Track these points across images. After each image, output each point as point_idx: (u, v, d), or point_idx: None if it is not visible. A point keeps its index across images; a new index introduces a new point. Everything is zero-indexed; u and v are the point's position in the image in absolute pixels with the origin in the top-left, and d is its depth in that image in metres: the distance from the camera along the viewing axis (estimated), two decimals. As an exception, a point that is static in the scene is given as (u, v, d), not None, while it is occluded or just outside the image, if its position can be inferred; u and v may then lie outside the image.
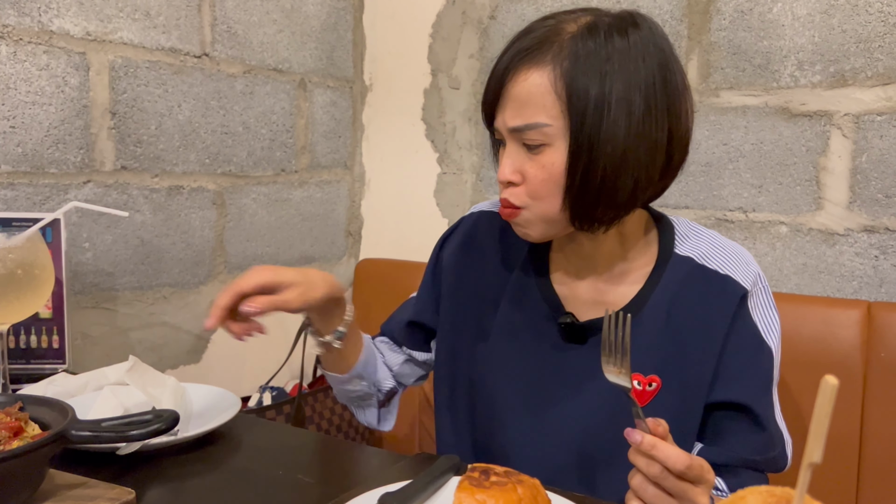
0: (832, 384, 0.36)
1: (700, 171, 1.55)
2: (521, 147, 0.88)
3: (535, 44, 0.85)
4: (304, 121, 1.84)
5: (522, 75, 0.85)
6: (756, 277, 0.95)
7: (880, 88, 1.38)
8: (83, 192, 1.39)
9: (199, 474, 0.85)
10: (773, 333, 0.94)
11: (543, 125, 0.84)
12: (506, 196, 0.90)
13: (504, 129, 0.88)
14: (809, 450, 0.37)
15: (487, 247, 1.06)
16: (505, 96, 0.87)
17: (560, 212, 0.88)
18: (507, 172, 0.88)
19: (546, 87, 0.84)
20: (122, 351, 1.47)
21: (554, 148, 0.85)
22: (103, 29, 1.39)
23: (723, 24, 1.52)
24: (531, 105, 0.85)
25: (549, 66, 0.84)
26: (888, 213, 1.39)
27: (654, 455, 0.71)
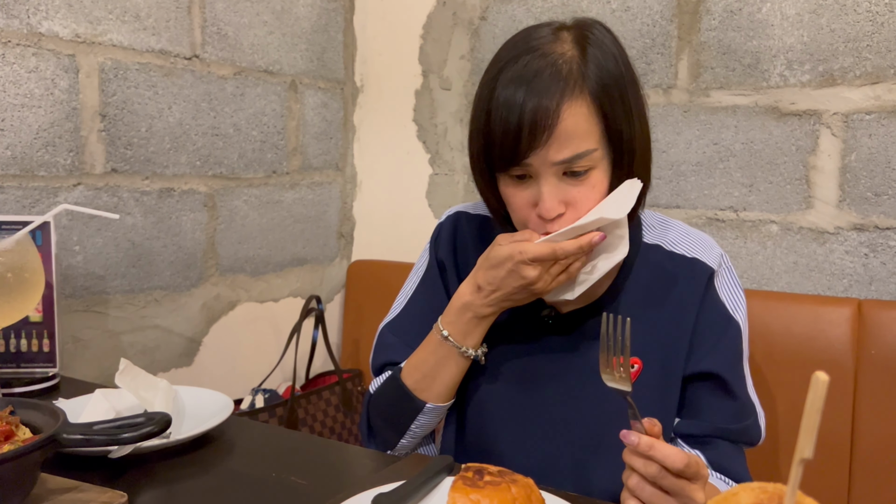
0: (823, 380, 0.36)
1: (691, 170, 1.55)
2: (560, 177, 0.87)
3: (557, 76, 0.85)
4: (295, 122, 1.83)
5: (567, 110, 0.85)
6: (720, 258, 0.99)
7: (869, 87, 1.39)
8: (73, 195, 1.38)
9: (191, 477, 0.84)
10: (741, 310, 0.99)
11: (593, 150, 0.87)
12: (557, 227, 0.88)
13: (545, 165, 0.86)
14: (801, 445, 0.37)
15: (469, 247, 1.07)
16: (552, 135, 0.85)
17: None
18: (555, 206, 0.87)
19: (588, 113, 0.86)
20: (113, 354, 1.46)
21: (599, 169, 0.89)
22: (92, 31, 1.39)
23: (712, 24, 1.52)
24: (578, 135, 0.85)
25: (584, 92, 0.86)
26: (877, 212, 1.40)
27: (652, 455, 0.72)
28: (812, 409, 0.37)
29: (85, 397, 1.01)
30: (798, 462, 0.38)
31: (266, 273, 1.79)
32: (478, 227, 1.08)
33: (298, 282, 1.89)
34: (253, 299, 1.77)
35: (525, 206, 0.90)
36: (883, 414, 1.26)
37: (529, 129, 0.84)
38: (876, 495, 1.26)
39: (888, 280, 1.39)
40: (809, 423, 0.37)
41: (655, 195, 1.58)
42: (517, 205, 0.91)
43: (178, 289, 1.59)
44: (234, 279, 1.71)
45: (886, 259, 1.39)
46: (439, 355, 0.98)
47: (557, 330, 0.99)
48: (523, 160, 0.86)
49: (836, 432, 1.28)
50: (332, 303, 2.00)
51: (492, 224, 1.06)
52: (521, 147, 0.86)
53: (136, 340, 1.51)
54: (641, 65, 1.59)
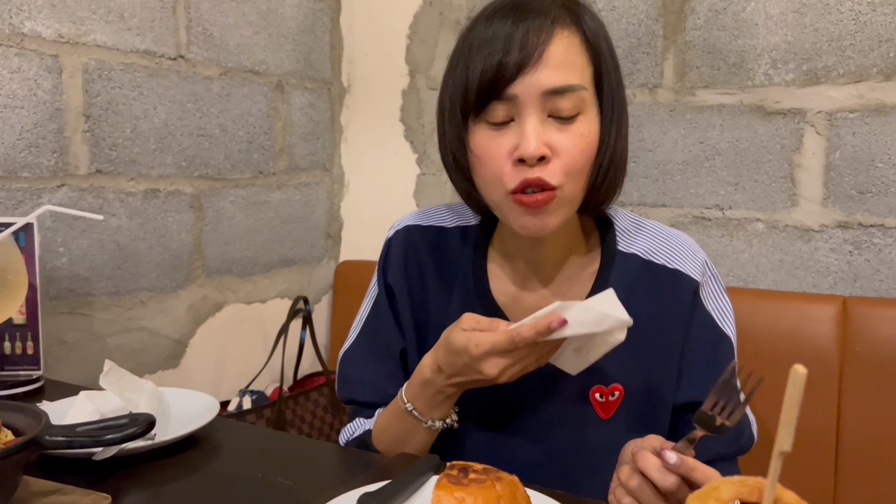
0: (801, 373, 0.37)
1: (677, 169, 1.56)
2: (544, 118, 0.79)
3: (549, 9, 0.80)
4: (281, 123, 1.83)
5: (560, 34, 0.79)
6: (704, 266, 0.92)
7: (852, 86, 1.40)
8: (57, 197, 1.37)
9: (176, 479, 0.84)
10: (729, 320, 0.93)
11: (583, 88, 0.80)
12: (537, 174, 0.79)
13: (532, 94, 0.78)
14: (780, 439, 0.37)
15: (425, 266, 0.99)
16: (543, 55, 0.77)
17: (582, 193, 0.84)
18: (538, 145, 0.77)
19: (580, 48, 0.81)
20: (98, 357, 1.45)
21: (587, 116, 0.81)
22: (76, 31, 1.38)
23: (697, 24, 1.53)
24: (571, 66, 0.79)
25: (576, 29, 0.81)
26: (861, 209, 1.41)
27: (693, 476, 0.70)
28: (791, 403, 0.37)
29: (69, 399, 1.00)
30: (777, 455, 0.38)
31: (253, 274, 1.79)
32: (432, 240, 0.99)
33: (286, 283, 1.89)
34: (240, 300, 1.76)
35: (502, 155, 0.80)
36: (868, 409, 1.27)
37: (520, 49, 0.77)
38: (861, 490, 1.27)
39: (872, 277, 1.40)
40: (788, 417, 0.37)
41: (642, 194, 1.59)
42: (492, 155, 0.81)
43: (164, 290, 1.58)
44: (220, 280, 1.70)
45: (870, 256, 1.40)
46: (406, 425, 0.91)
47: None
48: (508, 87, 0.78)
49: (822, 428, 1.29)
50: (319, 303, 2.00)
51: (447, 234, 0.99)
52: (507, 72, 0.78)
53: (121, 342, 1.51)
54: (627, 64, 1.60)
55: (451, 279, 0.97)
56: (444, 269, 0.98)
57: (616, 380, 0.89)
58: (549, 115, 0.80)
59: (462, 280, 0.97)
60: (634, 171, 1.60)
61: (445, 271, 0.98)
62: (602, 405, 0.90)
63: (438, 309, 0.98)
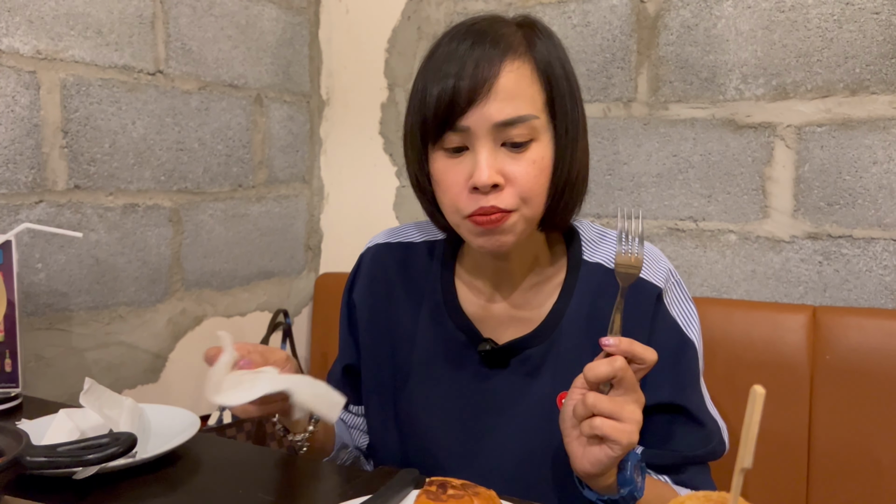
0: (760, 393, 0.38)
1: (651, 181, 1.59)
2: (497, 147, 0.82)
3: (501, 38, 0.82)
4: (260, 136, 1.84)
5: (509, 66, 0.81)
6: (667, 273, 0.94)
7: (820, 101, 1.44)
8: (35, 213, 1.37)
9: (157, 496, 0.84)
10: (693, 325, 0.94)
11: (534, 117, 0.82)
12: (492, 203, 0.82)
13: (483, 126, 0.81)
14: (741, 456, 0.39)
15: (393, 282, 1.02)
16: (492, 89, 0.80)
17: (540, 213, 0.87)
18: (491, 174, 0.80)
19: (531, 78, 0.83)
20: (77, 372, 1.45)
21: (540, 143, 0.83)
22: (54, 47, 1.38)
23: (670, 39, 1.56)
24: (520, 97, 0.81)
25: (527, 58, 0.83)
26: (830, 221, 1.44)
27: (634, 350, 0.75)
28: (750, 422, 0.39)
29: (49, 417, 1.00)
30: (739, 471, 0.40)
31: (233, 287, 1.79)
32: (399, 257, 1.03)
33: (265, 295, 1.89)
34: (219, 314, 1.76)
35: (458, 182, 0.83)
36: (838, 416, 1.30)
37: (470, 82, 0.80)
38: (833, 497, 1.30)
39: (841, 287, 1.44)
40: (749, 435, 0.39)
41: (617, 206, 1.61)
42: (449, 182, 0.84)
43: (143, 304, 1.58)
44: (200, 294, 1.70)
45: (839, 266, 1.44)
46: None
47: (497, 362, 0.94)
48: (460, 119, 0.81)
49: (794, 435, 1.32)
50: (300, 316, 2.00)
51: (415, 250, 1.02)
52: (458, 105, 0.80)
53: (100, 357, 1.50)
54: (602, 79, 1.63)
55: (420, 293, 1.00)
56: (411, 283, 1.01)
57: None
58: (502, 144, 0.82)
59: (430, 294, 0.99)
60: (610, 183, 1.63)
61: (413, 286, 1.01)
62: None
63: (407, 323, 1.00)
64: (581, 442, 0.76)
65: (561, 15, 1.66)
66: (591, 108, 1.65)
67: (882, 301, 1.41)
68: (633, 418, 0.73)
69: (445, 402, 0.96)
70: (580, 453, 0.76)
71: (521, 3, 1.71)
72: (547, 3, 1.68)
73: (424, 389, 0.98)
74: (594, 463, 0.75)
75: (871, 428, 1.28)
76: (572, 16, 1.65)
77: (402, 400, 1.00)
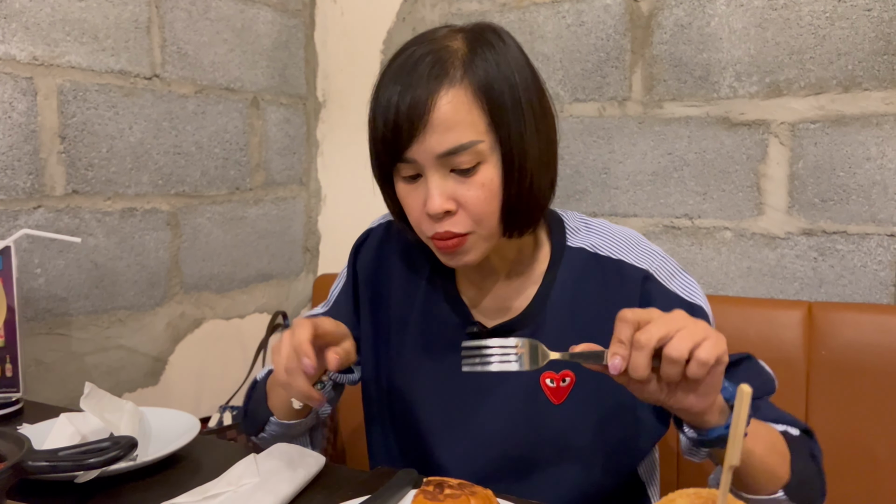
0: (747, 392, 0.39)
1: (647, 180, 1.60)
2: (446, 174, 0.84)
3: (437, 64, 0.82)
4: (257, 139, 1.84)
5: (444, 97, 0.81)
6: (652, 254, 0.95)
7: (813, 98, 1.44)
8: (34, 218, 1.37)
9: (158, 498, 0.85)
10: (696, 293, 0.94)
11: (477, 142, 0.83)
12: (446, 227, 0.85)
13: (428, 157, 0.83)
14: (729, 454, 0.40)
15: (397, 260, 1.05)
16: (429, 123, 0.81)
17: (498, 229, 0.89)
18: (441, 202, 0.83)
19: (470, 103, 0.82)
20: (77, 376, 1.45)
21: (488, 164, 0.84)
22: (50, 53, 1.38)
23: (664, 38, 1.57)
24: (459, 126, 0.82)
25: (464, 83, 0.82)
26: (825, 217, 1.45)
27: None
28: (738, 420, 0.39)
29: (50, 422, 1.01)
30: (727, 469, 0.40)
31: (231, 290, 1.79)
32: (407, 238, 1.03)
33: (264, 297, 1.90)
34: (218, 316, 1.77)
35: (416, 207, 0.87)
36: (834, 412, 1.31)
37: (406, 118, 0.81)
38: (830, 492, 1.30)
39: (836, 283, 1.45)
40: (737, 434, 0.40)
41: (613, 204, 1.62)
42: (410, 206, 0.88)
43: (142, 308, 1.58)
44: (198, 297, 1.71)
45: (834, 262, 1.45)
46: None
47: None
48: (405, 154, 0.83)
49: (791, 431, 1.33)
50: (298, 317, 2.01)
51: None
52: (401, 141, 0.82)
53: (100, 361, 1.51)
54: (597, 78, 1.64)
55: (420, 273, 1.04)
56: (414, 263, 1.04)
57: (566, 367, 0.93)
58: (451, 170, 0.84)
59: (429, 280, 1.02)
60: (605, 182, 1.63)
61: (415, 265, 1.04)
62: (553, 391, 0.94)
63: (404, 302, 1.03)
64: (679, 391, 0.71)
65: (555, 14, 1.67)
66: (586, 108, 1.65)
67: (877, 296, 1.42)
68: (697, 325, 0.69)
69: (435, 380, 0.99)
70: (691, 400, 0.71)
71: (515, 3, 1.72)
72: (541, 3, 1.68)
73: (417, 367, 1.01)
74: (710, 391, 0.70)
75: (867, 423, 1.29)
76: (566, 15, 1.66)
77: (397, 376, 1.03)
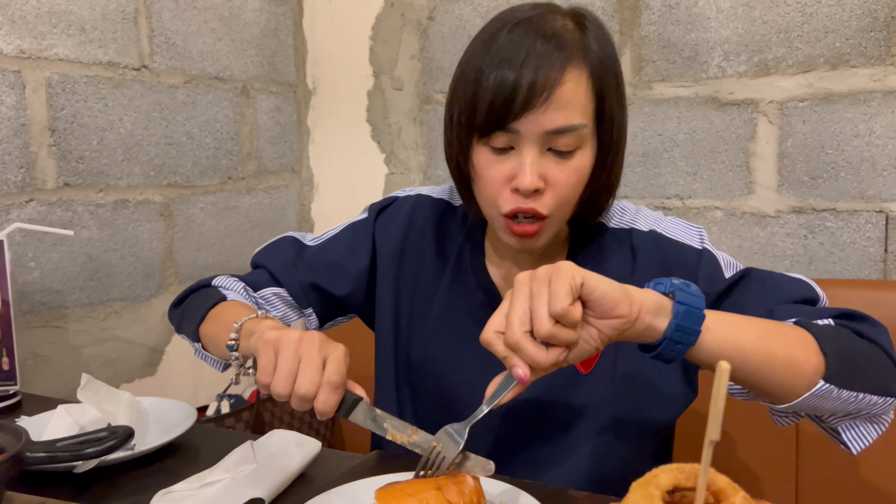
0: (725, 369, 0.40)
1: (637, 161, 1.60)
2: (543, 151, 0.83)
3: (561, 42, 0.81)
4: (248, 128, 1.84)
5: (570, 74, 0.81)
6: (655, 217, 0.98)
7: (801, 76, 1.45)
8: (26, 212, 1.38)
9: (157, 486, 0.86)
10: (703, 238, 0.96)
11: (584, 126, 0.83)
12: (531, 205, 0.84)
13: (535, 132, 0.81)
14: (709, 429, 0.41)
15: (426, 233, 1.04)
16: (550, 98, 0.80)
17: (569, 216, 0.89)
18: (534, 179, 0.82)
19: (587, 85, 0.82)
20: (74, 368, 1.46)
21: (584, 150, 0.85)
22: (38, 46, 1.38)
23: (652, 19, 1.57)
24: (574, 106, 0.82)
25: (584, 65, 0.82)
26: (814, 195, 1.46)
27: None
28: (717, 396, 0.40)
29: (48, 413, 1.02)
30: (708, 444, 0.41)
31: (226, 279, 1.80)
32: (440, 213, 1.05)
33: (259, 286, 1.90)
34: (214, 306, 1.78)
35: (500, 180, 0.85)
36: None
37: (528, 88, 0.79)
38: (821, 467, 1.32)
39: (826, 259, 1.46)
40: (716, 409, 0.41)
41: (605, 186, 1.63)
42: (490, 178, 0.85)
43: (137, 299, 1.59)
44: (194, 287, 1.72)
45: (824, 239, 1.46)
46: (222, 331, 0.91)
47: None
48: (512, 123, 0.81)
49: (782, 407, 1.34)
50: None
51: (454, 211, 1.04)
52: (513, 108, 0.80)
53: (97, 353, 1.52)
54: (586, 60, 1.63)
55: (448, 251, 1.03)
56: (443, 240, 1.04)
57: None
58: (548, 149, 0.83)
59: (458, 253, 1.02)
60: (597, 164, 1.64)
61: (445, 241, 1.04)
62: (581, 361, 0.94)
63: (431, 275, 1.03)
64: (596, 325, 0.69)
65: (543, -3, 1.67)
66: (576, 90, 1.66)
67: (866, 272, 1.43)
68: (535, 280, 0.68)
69: (461, 356, 0.97)
70: (613, 323, 0.69)
71: (503, -14, 1.72)
72: (529, -14, 1.68)
73: (443, 341, 1.00)
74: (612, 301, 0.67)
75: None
76: (554, -2, 1.65)
77: (420, 349, 1.02)
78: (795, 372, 0.75)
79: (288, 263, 1.07)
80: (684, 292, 0.72)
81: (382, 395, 1.08)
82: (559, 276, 0.66)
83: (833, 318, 0.83)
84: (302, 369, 0.71)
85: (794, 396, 0.76)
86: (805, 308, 0.87)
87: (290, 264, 1.07)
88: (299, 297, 1.07)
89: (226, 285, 1.07)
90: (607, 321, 0.68)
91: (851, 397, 0.76)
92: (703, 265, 0.92)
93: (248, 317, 0.88)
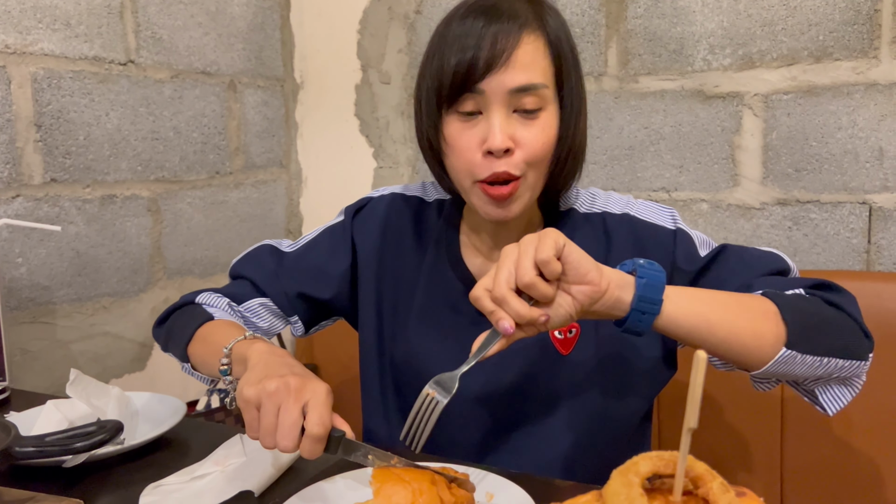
0: (702, 358, 0.41)
1: (624, 154, 1.61)
2: (509, 113, 0.88)
3: (518, 10, 0.88)
4: (235, 122, 1.84)
5: (528, 37, 0.87)
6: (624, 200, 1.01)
7: (785, 69, 1.46)
8: (12, 207, 1.37)
9: (147, 480, 0.86)
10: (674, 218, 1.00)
11: (545, 86, 0.88)
12: (504, 168, 0.87)
13: (499, 92, 0.86)
14: (687, 417, 0.42)
15: (403, 231, 1.07)
16: (510, 58, 0.85)
17: (542, 181, 0.93)
18: (503, 139, 0.86)
19: (544, 50, 0.88)
20: (63, 364, 1.46)
21: (548, 112, 0.89)
22: (23, 41, 1.37)
23: (638, 12, 1.58)
24: (534, 67, 0.87)
25: (542, 32, 0.89)
26: (798, 186, 1.47)
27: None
28: (695, 385, 0.41)
29: (37, 409, 1.02)
30: (686, 431, 0.42)
31: (215, 274, 1.80)
32: (414, 210, 1.08)
33: (248, 280, 1.90)
34: (203, 300, 1.78)
35: (471, 146, 0.88)
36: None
37: (488, 50, 0.85)
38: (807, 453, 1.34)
39: (810, 251, 1.47)
40: (694, 397, 0.42)
41: (591, 179, 1.64)
42: (462, 146, 0.89)
43: (126, 295, 1.59)
44: (182, 282, 1.72)
45: (808, 231, 1.47)
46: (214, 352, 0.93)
47: None
48: (478, 82, 0.86)
49: (767, 395, 1.36)
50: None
51: (428, 207, 1.07)
52: (477, 70, 0.85)
53: (86, 349, 1.52)
54: (573, 53, 1.64)
55: (426, 246, 1.05)
56: (420, 236, 1.06)
57: None
58: (514, 111, 0.88)
59: (435, 246, 1.04)
60: (584, 157, 1.65)
61: (421, 238, 1.06)
62: (561, 342, 0.96)
63: (411, 271, 1.05)
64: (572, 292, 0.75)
65: (530, -9, 1.67)
66: (563, 84, 1.66)
67: (850, 263, 1.45)
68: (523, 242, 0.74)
69: (441, 348, 0.99)
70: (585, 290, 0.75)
71: (490, -20, 1.72)
72: (516, -20, 1.68)
73: (424, 336, 1.01)
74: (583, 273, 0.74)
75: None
76: (541, -8, 1.66)
77: (402, 345, 1.03)
78: (761, 341, 0.80)
79: (270, 273, 1.09)
80: (645, 268, 0.78)
81: (367, 394, 1.09)
82: (546, 234, 0.73)
83: (805, 289, 0.89)
84: (280, 423, 0.71)
85: (762, 363, 0.81)
86: (779, 280, 0.92)
87: (272, 274, 1.09)
88: (284, 305, 1.09)
89: (210, 302, 1.08)
90: (580, 287, 0.74)
91: (817, 362, 0.81)
92: (679, 245, 0.97)
93: (236, 339, 0.89)
